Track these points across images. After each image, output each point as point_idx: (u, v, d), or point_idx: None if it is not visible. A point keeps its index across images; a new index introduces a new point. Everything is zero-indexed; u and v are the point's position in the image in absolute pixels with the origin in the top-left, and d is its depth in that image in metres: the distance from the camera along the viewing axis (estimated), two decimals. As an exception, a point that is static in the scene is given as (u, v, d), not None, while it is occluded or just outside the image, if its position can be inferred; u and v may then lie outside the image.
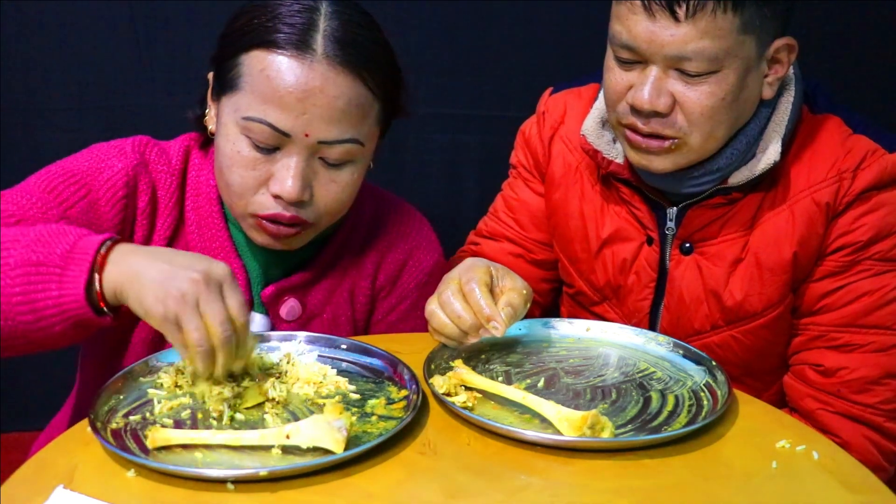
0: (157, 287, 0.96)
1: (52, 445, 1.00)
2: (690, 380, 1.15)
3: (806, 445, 1.01)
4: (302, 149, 1.14)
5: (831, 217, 1.26)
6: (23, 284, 0.98)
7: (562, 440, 0.99)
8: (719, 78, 1.17)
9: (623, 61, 1.21)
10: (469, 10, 2.05)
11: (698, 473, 0.96)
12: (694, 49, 1.15)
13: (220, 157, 1.18)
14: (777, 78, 1.24)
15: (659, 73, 1.18)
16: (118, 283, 0.98)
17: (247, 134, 1.14)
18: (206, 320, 0.96)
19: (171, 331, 0.96)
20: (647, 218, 1.34)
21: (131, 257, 0.99)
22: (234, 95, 1.15)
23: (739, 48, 1.17)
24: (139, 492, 0.90)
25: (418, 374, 1.10)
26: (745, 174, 1.26)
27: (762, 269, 1.29)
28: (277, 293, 1.27)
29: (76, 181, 1.18)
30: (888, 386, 1.27)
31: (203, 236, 1.26)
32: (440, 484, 0.93)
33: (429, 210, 1.63)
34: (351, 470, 0.94)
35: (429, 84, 2.07)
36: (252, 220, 1.19)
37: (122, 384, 1.07)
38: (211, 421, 1.02)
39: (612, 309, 1.42)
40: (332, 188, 1.18)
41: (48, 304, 0.98)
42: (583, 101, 1.43)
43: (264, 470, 0.90)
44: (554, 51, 2.07)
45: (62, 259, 0.98)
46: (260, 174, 1.15)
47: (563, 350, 1.23)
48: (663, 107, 1.19)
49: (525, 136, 1.50)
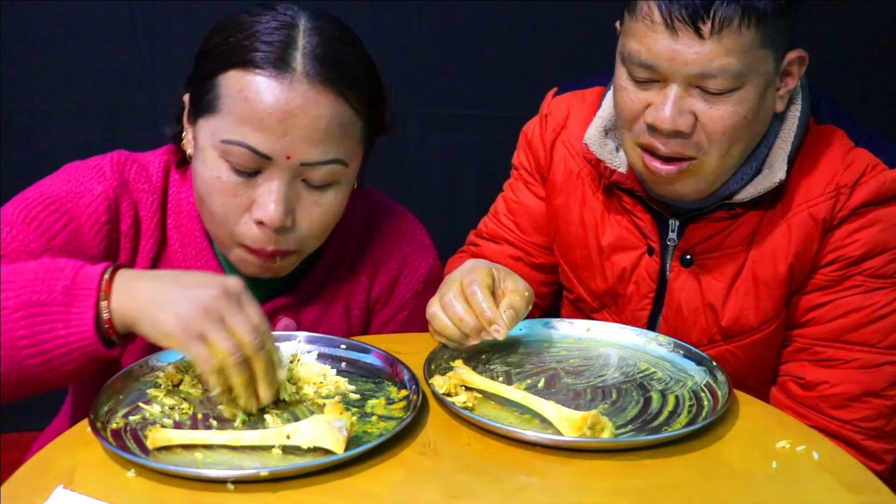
0: (174, 308, 0.93)
1: (52, 445, 1.00)
2: (691, 380, 1.15)
3: (806, 446, 1.01)
4: (284, 171, 1.10)
5: (826, 231, 1.25)
6: (27, 327, 0.93)
7: (562, 440, 0.98)
8: (741, 95, 1.15)
9: (639, 81, 1.19)
10: (469, 10, 2.05)
11: (698, 473, 0.96)
12: (719, 66, 1.12)
13: (199, 182, 1.14)
14: (788, 91, 1.23)
15: (679, 91, 1.16)
16: (128, 311, 0.95)
17: (226, 158, 1.10)
18: (235, 332, 0.93)
19: (197, 347, 0.93)
20: (648, 228, 1.33)
21: (137, 283, 0.96)
22: (211, 118, 1.11)
23: (760, 63, 1.15)
24: (139, 492, 0.90)
25: (418, 375, 1.10)
26: (750, 191, 1.25)
27: (758, 283, 1.28)
28: (271, 312, 1.24)
29: (56, 209, 1.13)
30: (868, 404, 1.26)
31: (187, 256, 1.22)
32: (440, 484, 0.93)
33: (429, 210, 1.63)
34: (351, 470, 0.94)
35: (429, 84, 2.07)
36: (240, 251, 1.15)
37: (121, 384, 1.07)
38: (211, 421, 1.02)
39: (611, 317, 1.42)
40: (315, 212, 1.14)
41: (57, 343, 0.94)
42: (586, 104, 1.41)
43: (265, 470, 0.90)
44: (554, 51, 2.07)
45: (64, 295, 0.94)
46: (241, 201, 1.11)
47: (563, 350, 1.23)
48: (686, 126, 1.16)
49: (527, 138, 1.48)
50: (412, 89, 2.08)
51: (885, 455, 1.28)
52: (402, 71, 2.05)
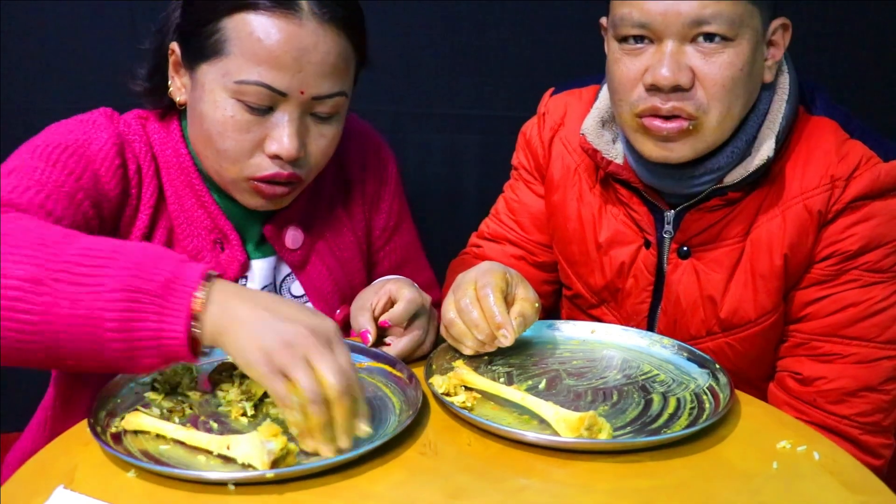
0: (260, 337, 0.91)
1: (52, 445, 1.00)
2: (693, 382, 1.15)
3: (807, 446, 1.01)
4: (296, 107, 1.15)
5: (821, 225, 1.25)
6: (121, 311, 0.90)
7: (561, 441, 0.98)
8: (736, 48, 1.16)
9: (633, 45, 1.20)
10: (469, 10, 2.04)
11: (699, 474, 0.96)
12: (712, 12, 1.14)
13: (207, 124, 1.16)
14: (775, 62, 1.23)
15: (675, 47, 1.17)
16: (219, 326, 0.92)
17: (239, 98, 1.13)
18: (318, 372, 0.91)
19: (276, 382, 0.91)
20: (645, 221, 1.34)
21: (233, 300, 0.93)
22: (219, 61, 1.13)
23: (750, 17, 1.16)
24: (140, 492, 0.90)
25: (419, 375, 1.10)
26: (740, 172, 1.24)
27: (755, 275, 1.28)
28: (278, 225, 1.29)
29: (73, 153, 1.14)
30: (865, 398, 1.26)
31: (184, 206, 1.24)
32: (440, 484, 0.93)
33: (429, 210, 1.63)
34: (352, 470, 0.94)
35: (429, 84, 2.07)
36: (246, 184, 1.19)
37: (117, 388, 1.07)
38: (211, 424, 1.02)
39: (611, 312, 1.42)
40: (321, 142, 1.19)
41: (145, 335, 0.91)
42: (582, 102, 1.42)
43: (271, 472, 0.90)
44: (554, 51, 2.07)
45: (163, 288, 0.91)
46: (255, 136, 1.15)
47: (566, 352, 1.23)
48: (685, 80, 1.17)
49: (526, 138, 1.49)
50: (412, 89, 2.08)
51: (882, 450, 1.28)
52: (402, 71, 2.05)
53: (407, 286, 1.20)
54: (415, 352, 1.19)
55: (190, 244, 1.23)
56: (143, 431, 0.99)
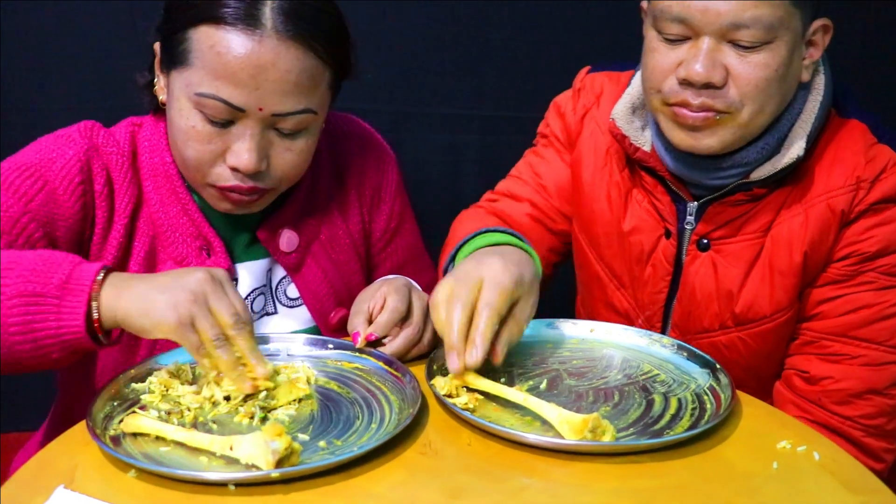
0: (164, 297, 0.98)
1: (52, 445, 1.00)
2: (694, 382, 1.15)
3: (807, 446, 1.01)
4: (256, 122, 1.14)
5: (843, 224, 1.25)
6: (20, 315, 0.99)
7: (562, 443, 0.98)
8: (772, 49, 1.16)
9: (671, 39, 1.19)
10: (469, 10, 2.04)
11: (699, 474, 0.96)
12: (751, 16, 1.13)
13: (173, 130, 1.18)
14: (812, 62, 1.23)
15: (712, 44, 1.16)
16: (118, 307, 1.00)
17: (200, 109, 1.14)
18: (217, 315, 0.99)
19: (187, 334, 0.98)
20: (667, 210, 1.33)
21: (129, 281, 1.02)
22: (184, 70, 1.14)
23: (790, 19, 1.16)
24: (140, 492, 0.90)
25: (419, 375, 1.10)
26: (768, 169, 1.24)
27: (773, 271, 1.28)
28: (272, 228, 1.29)
29: (31, 174, 1.17)
30: (870, 401, 1.26)
31: (168, 213, 1.25)
32: (441, 484, 0.93)
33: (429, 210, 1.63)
34: (352, 470, 0.94)
35: (429, 84, 2.07)
36: (213, 190, 1.20)
37: (115, 390, 1.07)
38: (211, 425, 1.02)
39: (627, 298, 1.41)
40: (287, 156, 1.19)
41: (48, 333, 0.99)
42: (619, 86, 1.41)
43: (276, 472, 0.90)
44: (554, 51, 2.07)
45: (59, 289, 0.99)
46: (216, 147, 1.16)
47: (566, 351, 1.23)
48: (718, 78, 1.17)
49: (560, 109, 1.48)
50: (412, 89, 2.08)
51: (884, 454, 1.28)
52: (402, 71, 2.05)
53: (394, 293, 1.19)
54: (410, 350, 1.19)
55: (175, 251, 1.25)
56: (143, 434, 0.99)
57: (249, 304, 1.29)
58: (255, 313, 1.30)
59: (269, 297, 1.32)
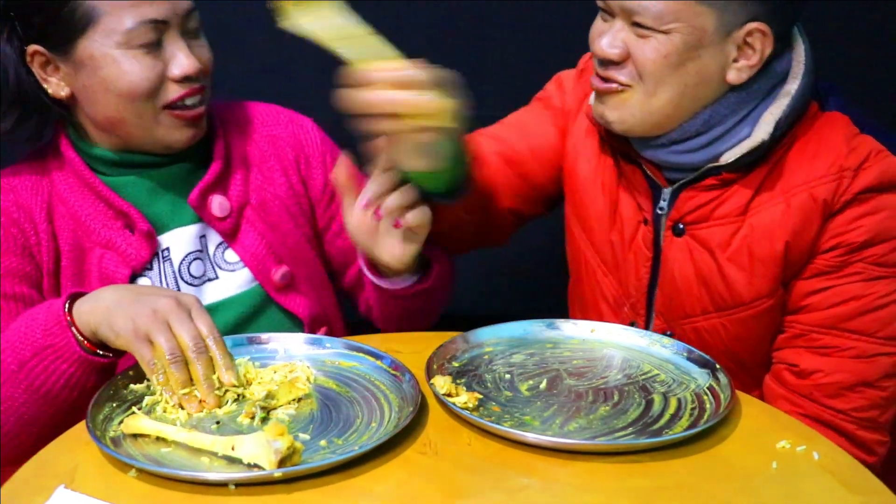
0: (126, 309, 1.05)
1: (52, 445, 1.00)
2: (694, 382, 1.15)
3: (806, 446, 1.01)
4: (176, 29, 1.24)
5: (828, 215, 1.24)
6: (37, 376, 1.08)
7: (563, 443, 0.99)
8: (665, 37, 1.20)
9: (602, 12, 1.27)
10: (469, 10, 2.04)
11: (699, 474, 0.96)
12: (644, 5, 1.19)
13: (113, 84, 1.23)
14: (748, 66, 1.22)
15: (620, 25, 1.23)
16: (91, 321, 1.07)
17: (130, 45, 1.21)
18: (177, 336, 1.04)
19: (141, 347, 1.03)
20: (642, 197, 1.35)
21: (100, 294, 1.10)
22: (96, 27, 1.21)
23: (692, 17, 1.18)
24: (141, 492, 0.90)
25: (419, 375, 1.10)
26: (735, 152, 1.25)
27: (753, 258, 1.28)
28: (201, 194, 1.33)
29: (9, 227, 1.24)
30: (862, 394, 1.25)
31: (82, 203, 1.29)
32: (440, 484, 0.93)
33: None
34: (352, 470, 0.94)
35: (429, 84, 2.07)
36: (168, 118, 1.26)
37: (114, 392, 1.07)
38: (212, 426, 1.02)
39: (614, 286, 1.41)
40: (203, 51, 1.30)
41: (70, 373, 1.07)
42: None
43: (279, 472, 0.90)
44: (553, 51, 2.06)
45: (45, 336, 1.08)
46: (157, 70, 1.23)
47: (567, 351, 1.23)
48: (614, 55, 1.23)
49: (561, 82, 1.50)
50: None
51: (876, 446, 1.28)
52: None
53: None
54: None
55: (98, 237, 1.29)
56: (143, 435, 0.99)
57: (186, 268, 1.33)
58: (195, 278, 1.33)
59: (207, 263, 1.35)
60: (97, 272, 1.27)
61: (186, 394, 1.04)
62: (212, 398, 1.04)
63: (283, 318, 1.36)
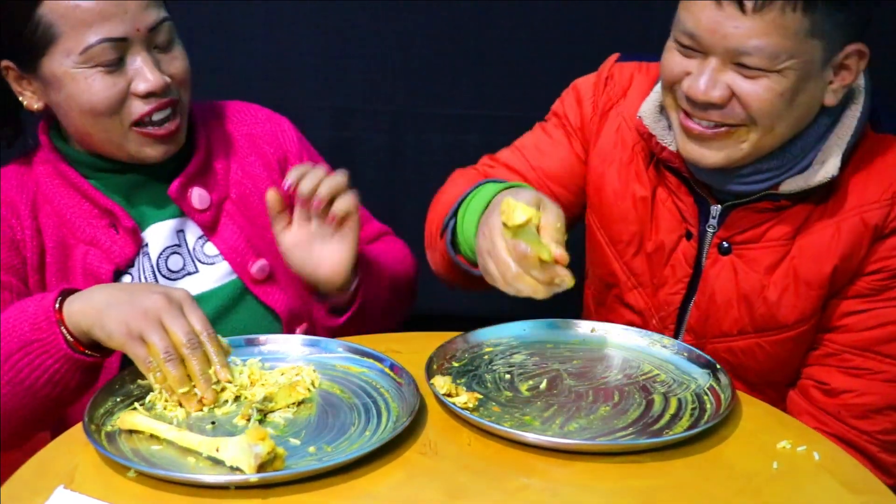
0: (117, 309, 1.04)
1: (52, 445, 1.00)
2: (694, 383, 1.14)
3: (807, 446, 1.01)
4: (140, 46, 1.23)
5: (875, 239, 1.23)
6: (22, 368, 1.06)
7: (563, 443, 0.99)
8: (778, 76, 1.15)
9: (683, 47, 1.19)
10: (470, 10, 2.04)
11: (699, 474, 0.96)
12: (756, 45, 1.12)
13: (77, 102, 1.22)
14: (843, 85, 1.20)
15: (717, 64, 1.16)
16: (82, 322, 1.06)
17: (90, 64, 1.21)
18: (170, 333, 1.03)
19: (135, 347, 1.03)
20: (689, 212, 1.32)
21: (90, 293, 1.08)
22: (55, 47, 1.20)
23: (804, 51, 1.14)
24: (140, 492, 0.90)
25: (419, 375, 1.10)
26: (800, 184, 1.23)
27: (799, 281, 1.26)
28: (182, 187, 1.33)
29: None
30: (889, 417, 1.25)
31: (66, 202, 1.29)
32: (441, 484, 0.93)
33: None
34: (352, 471, 0.94)
35: (429, 84, 2.07)
36: (136, 136, 1.25)
37: (115, 388, 1.07)
38: (207, 426, 1.02)
39: (643, 298, 1.39)
40: (176, 63, 1.28)
41: (55, 368, 1.06)
42: (648, 78, 1.39)
43: (255, 477, 0.90)
44: (554, 51, 2.07)
45: (33, 331, 1.06)
46: (120, 88, 1.22)
47: (567, 351, 1.23)
48: (718, 98, 1.17)
49: (579, 94, 1.44)
50: (412, 89, 2.08)
51: None
52: (402, 71, 2.05)
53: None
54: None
55: (83, 234, 1.29)
56: (138, 431, 0.99)
57: (164, 262, 1.33)
58: (173, 272, 1.33)
59: (186, 258, 1.35)
60: (81, 269, 1.27)
61: (185, 392, 1.03)
62: (209, 393, 1.04)
63: (262, 312, 1.36)
